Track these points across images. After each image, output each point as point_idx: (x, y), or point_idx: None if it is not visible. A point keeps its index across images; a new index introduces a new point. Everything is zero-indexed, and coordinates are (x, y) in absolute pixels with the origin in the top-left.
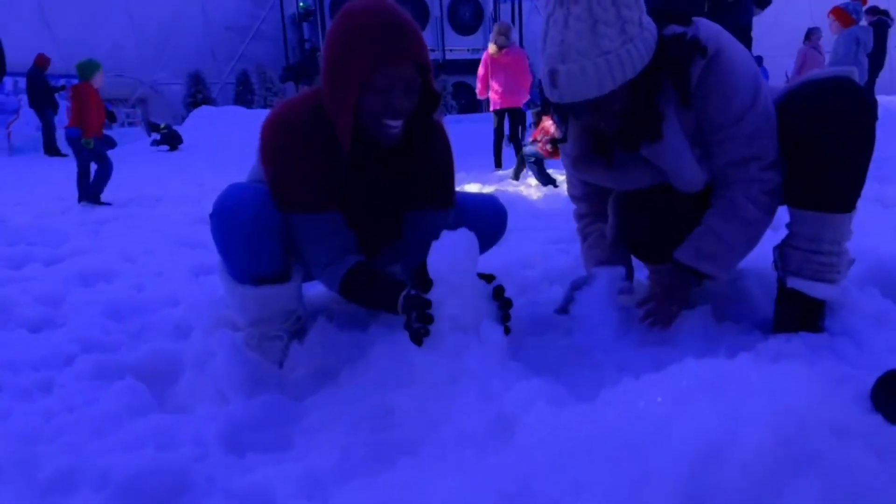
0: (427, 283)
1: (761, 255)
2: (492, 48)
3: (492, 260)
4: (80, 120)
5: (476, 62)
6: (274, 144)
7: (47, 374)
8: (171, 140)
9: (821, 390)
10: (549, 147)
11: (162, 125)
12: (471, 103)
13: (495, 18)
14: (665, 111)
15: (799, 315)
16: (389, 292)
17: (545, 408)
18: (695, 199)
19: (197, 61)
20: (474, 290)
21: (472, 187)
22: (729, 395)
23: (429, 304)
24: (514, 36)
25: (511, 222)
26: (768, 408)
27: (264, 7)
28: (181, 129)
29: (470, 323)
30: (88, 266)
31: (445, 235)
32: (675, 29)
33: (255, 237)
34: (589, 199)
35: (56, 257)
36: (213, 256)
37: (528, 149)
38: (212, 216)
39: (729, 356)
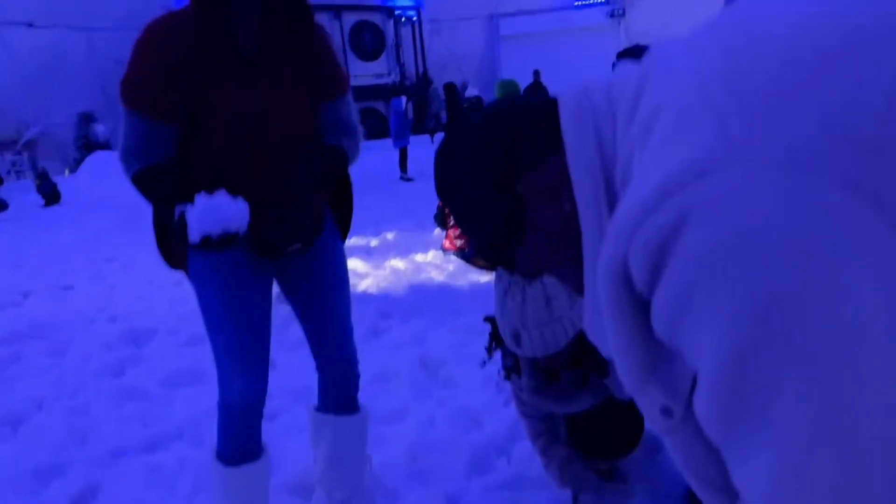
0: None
1: None
2: None
3: None
4: None
5: (381, 87)
6: (138, 39)
7: None
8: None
9: None
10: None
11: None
12: (379, 129)
13: (397, 43)
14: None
15: None
16: (176, 195)
17: None
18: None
19: (87, 100)
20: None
21: (401, 263)
22: None
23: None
24: None
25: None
26: None
27: None
28: (74, 179)
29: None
30: None
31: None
32: None
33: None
34: (540, 416)
35: None
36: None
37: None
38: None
39: None
